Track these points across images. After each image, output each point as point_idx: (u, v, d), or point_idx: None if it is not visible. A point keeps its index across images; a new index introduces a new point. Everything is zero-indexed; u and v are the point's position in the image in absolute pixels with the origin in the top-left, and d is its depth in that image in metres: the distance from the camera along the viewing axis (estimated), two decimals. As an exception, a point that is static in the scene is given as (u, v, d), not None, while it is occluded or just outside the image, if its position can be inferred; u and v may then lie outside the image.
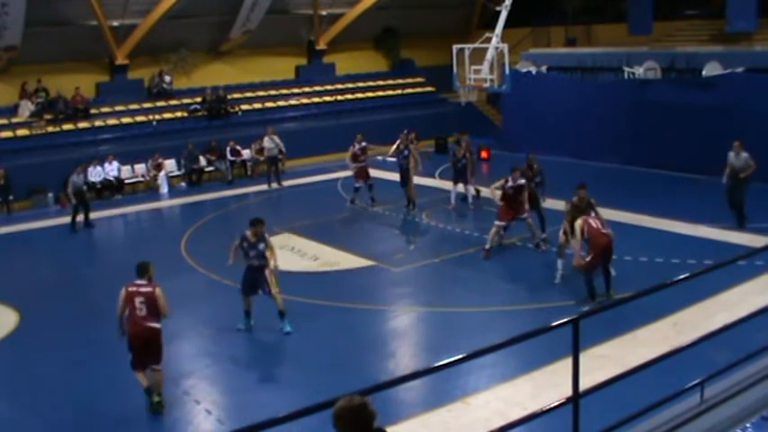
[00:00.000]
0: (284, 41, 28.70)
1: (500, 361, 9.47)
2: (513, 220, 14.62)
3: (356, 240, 16.36)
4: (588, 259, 11.56)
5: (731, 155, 15.70)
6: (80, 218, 18.61)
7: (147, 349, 9.19)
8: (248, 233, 11.33)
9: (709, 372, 5.49)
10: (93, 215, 18.97)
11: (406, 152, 18.38)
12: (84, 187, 19.01)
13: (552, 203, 15.21)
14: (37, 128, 22.90)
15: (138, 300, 9.11)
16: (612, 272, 11.91)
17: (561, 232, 12.74)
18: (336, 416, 3.52)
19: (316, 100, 28.16)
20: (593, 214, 12.00)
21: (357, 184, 19.16)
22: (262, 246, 11.23)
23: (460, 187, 18.08)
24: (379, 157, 20.59)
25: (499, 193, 14.42)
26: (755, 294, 11.01)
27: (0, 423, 9.09)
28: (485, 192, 17.24)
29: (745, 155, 15.58)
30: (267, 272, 11.19)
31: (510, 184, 14.30)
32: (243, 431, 3.62)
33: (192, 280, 14.18)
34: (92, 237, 18.65)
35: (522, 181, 14.41)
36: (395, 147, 19.49)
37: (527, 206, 14.51)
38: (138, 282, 9.33)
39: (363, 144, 19.36)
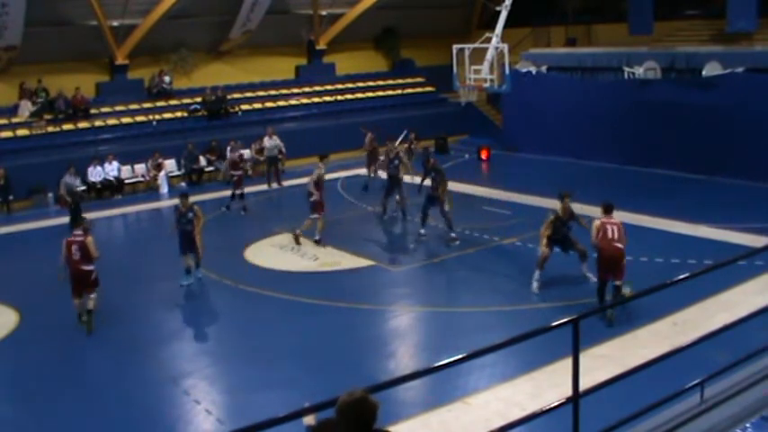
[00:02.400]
0: (284, 41, 28.70)
1: (500, 361, 9.47)
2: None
3: (356, 240, 16.36)
4: (597, 278, 10.94)
5: None
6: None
7: (81, 284, 11.71)
8: (179, 204, 13.84)
9: (709, 372, 5.50)
10: (93, 215, 18.87)
11: (396, 161, 17.53)
12: (78, 188, 18.75)
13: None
14: (37, 128, 22.90)
15: (74, 247, 11.67)
16: (627, 290, 10.38)
17: (542, 244, 12.27)
18: (339, 410, 3.54)
19: (316, 100, 28.16)
20: (612, 219, 11.10)
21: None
22: (190, 215, 13.60)
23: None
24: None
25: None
26: (755, 294, 11.01)
27: (0, 423, 9.09)
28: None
29: None
30: (194, 234, 13.53)
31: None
32: (243, 431, 3.62)
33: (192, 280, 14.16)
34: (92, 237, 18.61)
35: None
36: (383, 156, 18.98)
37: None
38: (75, 233, 11.94)
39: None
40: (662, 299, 7.35)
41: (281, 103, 27.67)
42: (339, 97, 28.55)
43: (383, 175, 18.45)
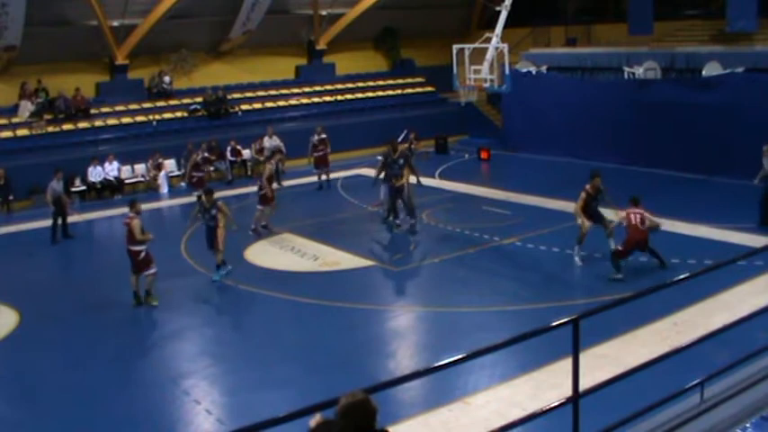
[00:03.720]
0: (284, 41, 28.71)
1: (500, 361, 9.48)
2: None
3: (356, 240, 16.37)
4: (621, 248, 12.95)
5: (764, 160, 16.96)
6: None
7: (133, 263, 12.57)
8: (203, 200, 14.10)
9: (710, 372, 5.50)
10: (92, 215, 18.93)
11: (401, 161, 16.65)
12: (64, 194, 18.11)
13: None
14: (37, 128, 22.89)
15: (126, 228, 12.54)
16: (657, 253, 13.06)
17: (582, 220, 13.65)
18: (341, 413, 3.54)
19: (316, 100, 28.16)
20: (637, 210, 13.06)
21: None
22: (213, 211, 13.76)
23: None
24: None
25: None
26: (755, 294, 11.01)
27: (0, 423, 9.09)
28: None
29: None
30: (218, 231, 13.78)
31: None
32: (243, 431, 3.62)
33: (192, 280, 14.19)
34: (92, 237, 18.65)
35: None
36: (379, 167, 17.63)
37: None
38: (129, 214, 12.60)
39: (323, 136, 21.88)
40: (662, 299, 7.35)
41: (281, 103, 27.67)
42: (339, 97, 28.55)
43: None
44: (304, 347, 10.81)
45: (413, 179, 17.06)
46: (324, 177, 22.09)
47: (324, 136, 22.07)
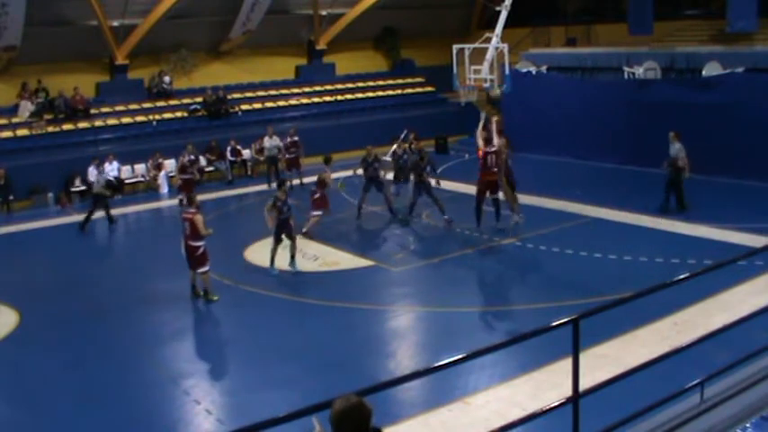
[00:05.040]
0: (284, 41, 28.71)
1: (500, 361, 9.48)
2: None
3: (356, 240, 16.35)
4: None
5: (670, 147, 17.08)
6: (99, 215, 18.60)
7: (190, 258, 12.64)
8: (279, 194, 14.08)
9: (710, 372, 5.49)
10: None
11: (376, 164, 17.82)
12: (102, 184, 18.95)
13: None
14: (37, 128, 22.90)
15: (186, 223, 12.57)
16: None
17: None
18: (336, 418, 3.52)
19: (316, 100, 28.17)
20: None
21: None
22: (288, 203, 14.08)
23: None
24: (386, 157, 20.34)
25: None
26: (755, 294, 11.01)
27: (0, 423, 9.09)
28: None
29: (677, 145, 16.80)
30: (291, 221, 14.13)
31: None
32: (243, 431, 3.62)
33: (192, 280, 14.17)
34: (92, 237, 18.65)
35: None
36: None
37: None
38: (189, 209, 12.70)
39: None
40: (662, 299, 7.34)
41: (281, 103, 27.67)
42: (339, 97, 28.55)
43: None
44: (304, 347, 10.81)
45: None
46: (296, 181, 22.05)
47: (296, 138, 22.24)
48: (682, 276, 5.73)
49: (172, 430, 8.81)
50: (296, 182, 22.12)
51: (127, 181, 23.09)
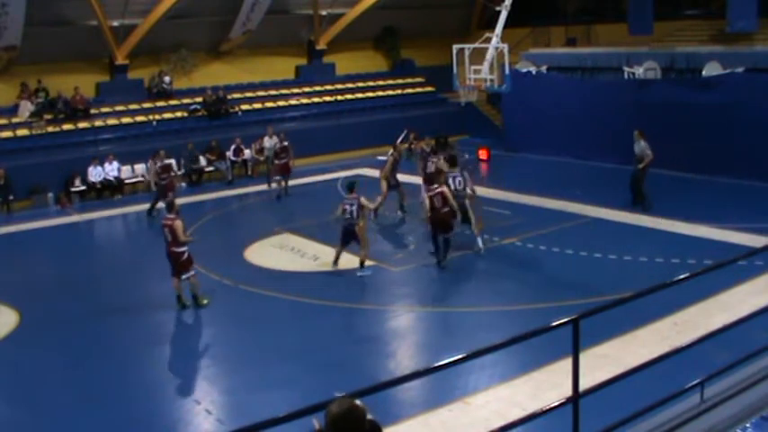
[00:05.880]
0: (284, 41, 28.70)
1: (500, 361, 9.48)
2: None
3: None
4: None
5: (635, 145, 17.39)
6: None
7: (174, 265, 12.27)
8: (348, 197, 13.76)
9: (710, 372, 5.49)
10: (92, 215, 18.90)
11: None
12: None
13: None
14: (37, 128, 22.89)
15: (165, 229, 12.21)
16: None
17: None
18: (332, 423, 3.54)
19: (316, 100, 28.15)
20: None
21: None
22: (355, 207, 13.62)
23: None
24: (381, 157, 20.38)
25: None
26: (755, 294, 11.01)
27: (0, 423, 9.09)
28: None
29: (642, 143, 17.08)
30: (359, 228, 13.68)
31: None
32: (243, 431, 3.62)
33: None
34: (92, 237, 18.65)
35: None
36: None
37: None
38: (168, 216, 12.37)
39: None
40: (662, 299, 7.34)
41: (281, 103, 27.66)
42: (339, 97, 28.54)
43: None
44: (304, 347, 10.81)
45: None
46: (283, 184, 21.22)
47: (286, 143, 21.34)
48: (682, 276, 5.73)
49: (172, 430, 8.81)
50: (282, 185, 21.25)
51: (127, 181, 23.07)
